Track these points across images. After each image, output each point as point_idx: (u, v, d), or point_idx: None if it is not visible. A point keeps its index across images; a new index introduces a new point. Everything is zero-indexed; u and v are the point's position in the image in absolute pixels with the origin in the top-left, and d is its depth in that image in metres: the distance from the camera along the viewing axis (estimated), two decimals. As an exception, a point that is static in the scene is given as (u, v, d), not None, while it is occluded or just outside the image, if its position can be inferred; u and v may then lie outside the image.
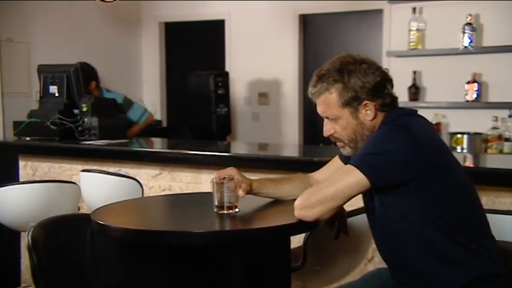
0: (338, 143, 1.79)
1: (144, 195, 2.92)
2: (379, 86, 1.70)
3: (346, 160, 1.83)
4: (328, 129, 1.77)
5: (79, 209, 3.20)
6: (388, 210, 1.68)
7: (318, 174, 2.01)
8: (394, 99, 1.75)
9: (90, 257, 2.03)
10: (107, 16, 5.63)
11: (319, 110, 1.76)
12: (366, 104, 1.70)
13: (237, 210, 1.80)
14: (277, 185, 1.94)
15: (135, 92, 6.15)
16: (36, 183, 3.01)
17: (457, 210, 1.64)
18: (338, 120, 1.73)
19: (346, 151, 1.78)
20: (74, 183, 3.10)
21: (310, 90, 1.76)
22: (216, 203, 1.80)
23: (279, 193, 1.94)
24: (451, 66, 4.71)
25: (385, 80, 1.73)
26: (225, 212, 1.78)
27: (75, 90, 3.77)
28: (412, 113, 1.75)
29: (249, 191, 1.87)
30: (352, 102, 1.70)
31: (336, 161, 1.96)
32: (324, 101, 1.73)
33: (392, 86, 1.75)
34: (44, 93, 3.84)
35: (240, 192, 1.81)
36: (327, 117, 1.76)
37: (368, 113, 1.71)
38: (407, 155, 1.59)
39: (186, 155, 3.33)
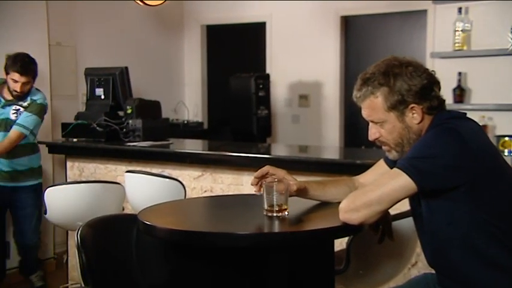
0: (384, 147, 1.77)
1: (187, 197, 2.94)
2: (426, 88, 1.68)
3: (391, 164, 1.81)
4: (373, 132, 1.75)
5: (123, 209, 3.26)
6: (436, 215, 1.65)
7: (363, 178, 1.99)
8: (442, 102, 1.72)
9: (136, 257, 2.06)
10: (150, 19, 5.73)
11: (365, 114, 1.75)
12: (412, 107, 1.68)
13: (286, 213, 1.79)
14: (323, 187, 1.94)
15: (178, 93, 6.23)
16: (83, 184, 3.08)
17: (506, 216, 1.60)
18: (384, 124, 1.71)
19: (392, 155, 1.76)
20: (119, 183, 3.16)
21: (355, 94, 1.75)
22: (266, 206, 1.80)
23: (325, 196, 1.94)
24: (498, 67, 4.59)
25: (432, 82, 1.70)
26: (275, 214, 1.78)
27: (120, 92, 3.85)
28: (461, 116, 1.72)
29: (296, 192, 1.87)
30: (398, 106, 1.68)
31: (382, 164, 1.94)
32: (370, 105, 1.71)
33: (439, 89, 1.72)
34: (91, 96, 3.93)
35: (293, 187, 1.82)
36: (373, 121, 1.74)
37: (415, 117, 1.69)
38: (455, 159, 1.56)
39: (227, 157, 3.35)
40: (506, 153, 4.28)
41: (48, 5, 4.58)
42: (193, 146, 4.13)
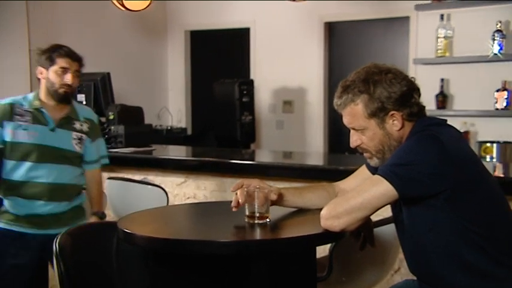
0: (365, 154, 1.78)
1: (169, 203, 2.92)
2: (406, 95, 1.68)
3: (373, 170, 1.82)
4: (354, 140, 1.76)
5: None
6: (417, 222, 1.66)
7: (344, 184, 2.00)
8: (422, 108, 1.73)
9: (116, 265, 2.04)
10: (133, 24, 5.71)
11: (345, 121, 1.75)
12: (392, 114, 1.69)
13: (268, 220, 1.79)
14: (300, 193, 1.94)
15: (161, 99, 6.20)
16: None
17: (487, 223, 1.61)
18: (365, 131, 1.72)
19: (374, 162, 1.76)
20: (101, 190, 3.12)
21: (336, 101, 1.75)
22: (248, 213, 1.80)
23: (304, 202, 1.93)
24: (480, 74, 4.65)
25: (412, 89, 1.71)
26: (256, 221, 1.78)
27: (102, 98, 3.82)
28: (442, 123, 1.73)
29: (275, 200, 1.86)
30: (378, 113, 1.68)
31: (363, 170, 1.95)
32: (350, 112, 1.72)
33: (419, 95, 1.73)
34: (72, 102, 3.88)
35: (272, 195, 1.82)
36: (354, 128, 1.75)
37: (395, 124, 1.70)
38: (436, 166, 1.57)
39: (210, 163, 3.34)
40: (487, 159, 4.33)
41: (29, 10, 4.54)
42: (176, 152, 4.10)
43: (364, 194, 1.62)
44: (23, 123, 2.56)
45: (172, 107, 6.26)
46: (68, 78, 2.61)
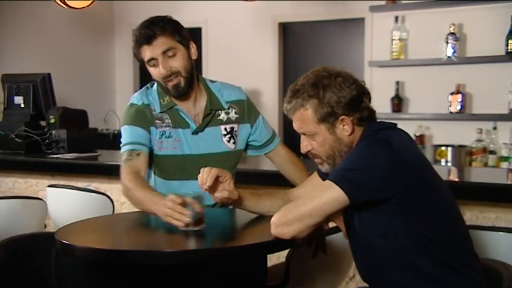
0: (316, 160, 1.80)
1: (116, 212, 2.88)
2: (356, 100, 1.71)
3: (324, 176, 1.83)
4: (305, 145, 1.77)
5: (45, 227, 3.15)
6: (368, 228, 1.68)
7: (298, 191, 2.01)
8: (372, 112, 1.76)
9: (55, 279, 1.99)
10: (77, 22, 5.59)
11: (295, 126, 1.76)
12: (342, 119, 1.71)
13: (203, 225, 1.78)
14: (258, 199, 1.94)
15: (108, 101, 6.10)
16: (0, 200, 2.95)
17: (438, 228, 1.65)
18: (315, 137, 1.73)
19: (324, 168, 1.78)
20: (41, 199, 3.05)
21: (285, 106, 1.76)
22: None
23: (259, 208, 1.94)
24: (434, 77, 4.78)
25: (362, 93, 1.73)
26: (191, 228, 1.77)
27: (42, 101, 3.74)
28: (392, 127, 1.76)
29: (229, 200, 1.86)
30: (328, 118, 1.70)
31: (315, 176, 1.96)
32: (300, 118, 1.73)
33: (369, 99, 1.76)
34: (8, 104, 3.80)
35: (225, 193, 1.81)
36: (304, 134, 1.76)
37: (345, 128, 1.72)
38: (386, 170, 1.60)
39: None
40: (442, 163, 4.45)
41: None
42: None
43: (314, 200, 1.63)
44: (166, 128, 2.11)
45: (120, 110, 6.13)
46: (160, 69, 2.06)
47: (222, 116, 2.18)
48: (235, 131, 2.20)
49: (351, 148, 1.73)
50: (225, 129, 2.18)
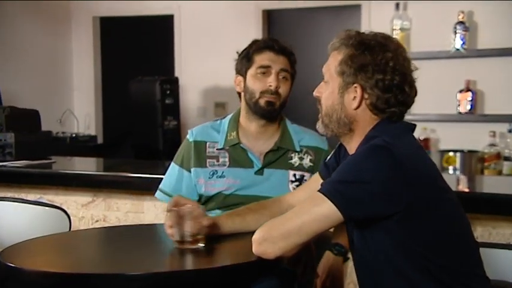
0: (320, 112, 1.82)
1: (73, 228, 2.87)
2: (384, 85, 1.70)
3: (324, 174, 1.87)
4: (317, 90, 1.80)
5: (-10, 247, 3.12)
6: (367, 245, 1.69)
7: (293, 196, 2.00)
8: (392, 108, 1.73)
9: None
10: (28, 11, 5.57)
11: (324, 68, 1.80)
12: (356, 88, 1.71)
13: (202, 244, 1.78)
14: (243, 217, 1.95)
15: (64, 100, 6.09)
16: None
17: (444, 249, 1.65)
18: (327, 86, 1.77)
19: (318, 124, 1.81)
20: (-16, 214, 3.03)
21: (333, 41, 1.79)
22: (177, 237, 1.79)
23: (248, 225, 1.93)
24: (440, 72, 4.82)
25: (396, 86, 1.71)
26: (187, 246, 1.77)
27: (-14, 100, 3.71)
28: (402, 131, 1.75)
29: (213, 230, 1.87)
30: (346, 77, 1.72)
31: (316, 179, 1.96)
32: (330, 59, 1.77)
33: (398, 96, 1.73)
34: None
35: (204, 221, 1.81)
36: (323, 78, 1.79)
37: (353, 100, 1.72)
38: (386, 185, 1.60)
39: (125, 179, 3.32)
40: (450, 171, 4.49)
41: None
42: (82, 165, 4.06)
43: (303, 215, 1.63)
44: (219, 167, 2.22)
45: (79, 110, 6.15)
46: (272, 81, 2.19)
47: (295, 160, 2.23)
48: (305, 181, 2.19)
49: (350, 124, 1.74)
50: (294, 175, 2.21)
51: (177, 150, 2.40)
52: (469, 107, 4.68)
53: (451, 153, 4.59)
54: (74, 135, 5.74)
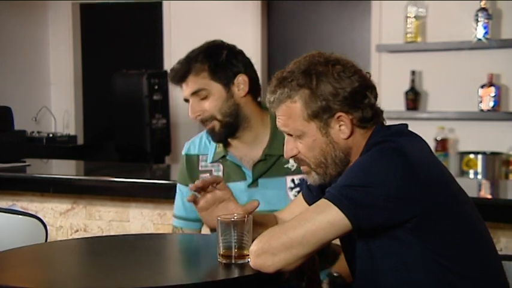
0: (302, 168, 1.80)
1: (49, 239, 2.87)
2: (357, 94, 1.71)
3: (311, 199, 1.85)
4: (290, 149, 1.77)
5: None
6: (378, 259, 1.69)
7: (284, 214, 2.00)
8: (378, 112, 1.77)
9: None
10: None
11: (279, 123, 1.77)
12: (339, 117, 1.71)
13: (248, 259, 1.70)
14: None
15: (40, 96, 6.09)
16: None
17: (464, 258, 1.66)
18: (303, 138, 1.74)
19: (312, 178, 1.79)
20: (-50, 223, 3.03)
21: (269, 97, 1.77)
22: (222, 250, 1.72)
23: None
24: (460, 65, 4.83)
25: (366, 86, 1.74)
26: (233, 261, 1.71)
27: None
28: (405, 132, 1.77)
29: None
30: (321, 114, 1.71)
31: (299, 201, 1.97)
32: (286, 112, 1.74)
33: (375, 96, 1.76)
34: None
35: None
36: (289, 134, 1.77)
37: (342, 130, 1.73)
38: (401, 188, 1.60)
39: (108, 184, 3.33)
40: (471, 175, 4.49)
41: None
42: (60, 168, 4.09)
43: (306, 223, 1.62)
44: None
45: (56, 108, 6.16)
46: (190, 112, 2.24)
47: (291, 163, 2.17)
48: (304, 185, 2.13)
49: (348, 155, 1.74)
50: (293, 181, 2.19)
51: (165, 151, 2.44)
52: (492, 103, 4.69)
53: (471, 156, 4.59)
54: (50, 135, 5.75)
